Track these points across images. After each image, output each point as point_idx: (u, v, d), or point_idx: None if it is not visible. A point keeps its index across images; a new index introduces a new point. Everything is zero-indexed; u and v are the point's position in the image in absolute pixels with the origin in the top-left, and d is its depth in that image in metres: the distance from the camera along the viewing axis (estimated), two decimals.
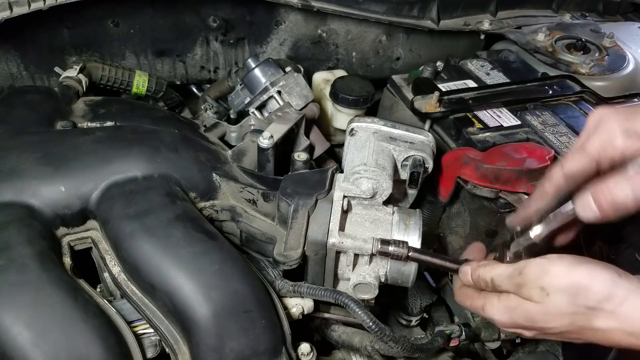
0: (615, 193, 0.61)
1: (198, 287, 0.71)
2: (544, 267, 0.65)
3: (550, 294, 0.64)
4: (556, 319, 0.65)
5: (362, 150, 0.89)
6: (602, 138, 0.65)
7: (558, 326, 0.65)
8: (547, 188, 0.70)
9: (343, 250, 0.81)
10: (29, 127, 0.91)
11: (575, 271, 0.63)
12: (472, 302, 0.75)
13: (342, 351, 0.93)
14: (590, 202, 0.64)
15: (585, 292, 0.62)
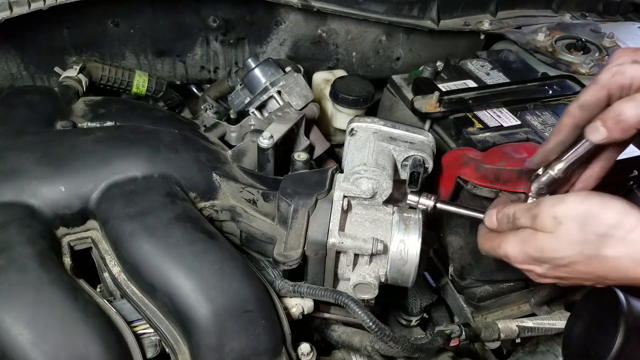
0: (620, 111, 0.65)
1: (198, 287, 0.72)
2: (560, 198, 0.68)
3: (562, 223, 0.66)
4: (566, 248, 0.66)
5: (362, 150, 0.89)
6: (613, 68, 0.69)
7: (567, 255, 0.66)
8: (565, 121, 0.74)
9: (343, 250, 0.81)
10: (29, 127, 0.91)
11: (588, 201, 0.65)
12: (491, 242, 0.77)
13: (342, 351, 0.93)
14: (598, 124, 0.68)
15: (596, 219, 0.64)
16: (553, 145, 0.76)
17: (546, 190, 0.79)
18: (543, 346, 1.13)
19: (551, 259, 0.68)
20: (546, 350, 1.12)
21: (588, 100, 0.70)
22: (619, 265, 0.63)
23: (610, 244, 0.63)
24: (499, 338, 0.99)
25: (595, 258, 0.64)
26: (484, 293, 1.06)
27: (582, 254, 0.65)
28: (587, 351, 0.82)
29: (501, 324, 1.00)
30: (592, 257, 0.65)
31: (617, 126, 0.66)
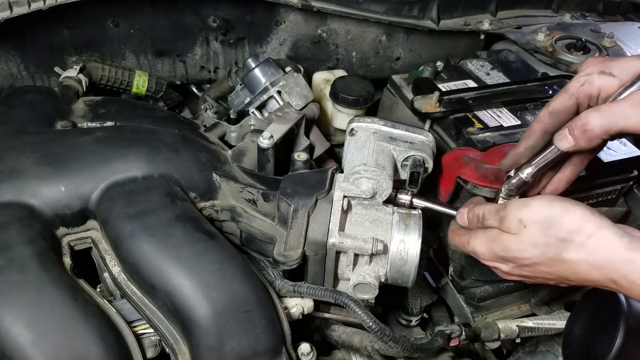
0: (586, 121, 0.68)
1: (198, 287, 0.72)
2: (525, 202, 0.71)
3: (527, 226, 0.69)
4: (529, 249, 0.69)
5: (362, 150, 0.89)
6: (582, 78, 0.72)
7: (530, 256, 0.69)
8: (535, 126, 0.78)
9: (343, 250, 0.81)
10: (29, 127, 0.91)
11: (551, 206, 0.69)
12: (460, 238, 0.80)
13: (342, 351, 0.93)
14: (565, 133, 0.71)
15: (558, 224, 0.67)
16: (523, 150, 0.80)
17: (516, 192, 0.81)
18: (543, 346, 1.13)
19: (515, 259, 0.71)
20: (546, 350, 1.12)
21: (557, 107, 0.74)
22: (578, 268, 0.66)
23: (570, 248, 0.66)
24: (499, 338, 0.99)
25: (557, 260, 0.68)
26: (484, 293, 1.06)
27: (544, 255, 0.68)
28: (587, 351, 0.82)
29: (501, 324, 1.00)
30: (554, 260, 0.68)
31: (584, 135, 0.69)
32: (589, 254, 0.65)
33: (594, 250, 0.65)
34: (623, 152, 1.03)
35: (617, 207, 1.13)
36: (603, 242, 0.64)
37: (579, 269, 0.66)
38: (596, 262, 0.64)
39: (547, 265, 0.69)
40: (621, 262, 0.63)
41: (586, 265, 0.65)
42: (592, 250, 0.65)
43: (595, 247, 0.65)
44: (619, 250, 0.63)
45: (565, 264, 0.67)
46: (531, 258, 0.69)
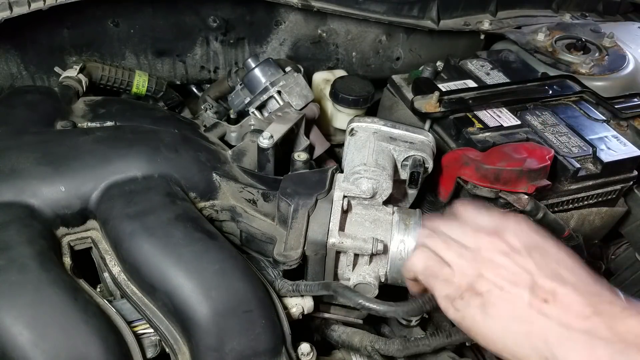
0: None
1: (198, 287, 0.71)
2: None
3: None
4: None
5: (362, 150, 0.89)
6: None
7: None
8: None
9: (343, 250, 0.81)
10: (29, 127, 0.91)
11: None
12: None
13: (342, 351, 0.93)
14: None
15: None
16: None
17: None
18: None
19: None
20: None
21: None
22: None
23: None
24: None
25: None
26: None
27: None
28: None
29: None
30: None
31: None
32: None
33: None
34: (623, 152, 1.04)
35: (617, 207, 1.13)
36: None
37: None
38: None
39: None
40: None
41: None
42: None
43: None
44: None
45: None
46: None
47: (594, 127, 1.09)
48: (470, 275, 0.60)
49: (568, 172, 0.99)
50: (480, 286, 0.59)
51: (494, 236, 0.62)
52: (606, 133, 1.08)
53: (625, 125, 1.13)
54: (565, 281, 0.56)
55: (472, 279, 0.60)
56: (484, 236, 0.62)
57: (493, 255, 0.60)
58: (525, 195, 0.93)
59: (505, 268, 0.59)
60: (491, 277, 0.59)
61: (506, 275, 0.58)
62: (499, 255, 0.60)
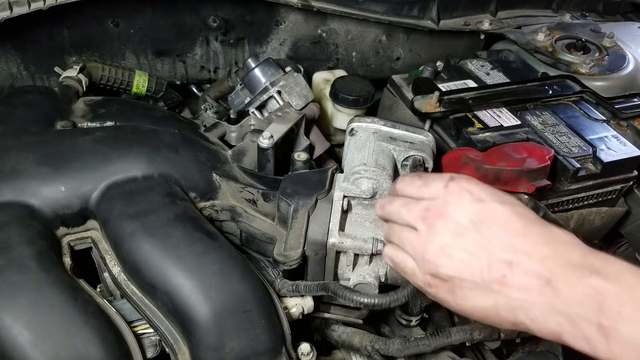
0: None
1: (198, 287, 0.71)
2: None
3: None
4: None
5: (362, 150, 0.89)
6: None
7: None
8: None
9: (343, 250, 0.81)
10: (29, 127, 0.91)
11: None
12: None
13: (342, 351, 0.93)
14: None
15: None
16: None
17: None
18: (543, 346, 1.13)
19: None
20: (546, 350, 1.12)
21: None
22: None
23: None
24: (499, 338, 0.99)
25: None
26: None
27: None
28: None
29: None
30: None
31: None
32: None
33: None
34: (623, 152, 1.04)
35: (617, 207, 1.14)
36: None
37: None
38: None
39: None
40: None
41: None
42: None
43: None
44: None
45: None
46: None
47: (594, 127, 1.09)
48: (431, 267, 0.63)
49: (568, 172, 0.99)
50: (442, 275, 0.62)
51: (442, 219, 0.63)
52: (606, 133, 1.08)
53: (625, 125, 1.13)
54: (519, 250, 0.58)
55: (434, 269, 0.62)
56: (433, 220, 0.63)
57: (444, 240, 0.61)
58: (526, 195, 0.93)
59: (459, 252, 0.61)
60: (448, 265, 0.61)
61: (461, 260, 0.60)
62: (450, 239, 0.61)
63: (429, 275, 0.63)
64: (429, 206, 0.65)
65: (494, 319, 0.60)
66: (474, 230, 0.60)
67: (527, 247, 0.58)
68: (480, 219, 0.61)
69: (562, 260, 0.56)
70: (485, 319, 0.61)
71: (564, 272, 0.54)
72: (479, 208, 0.62)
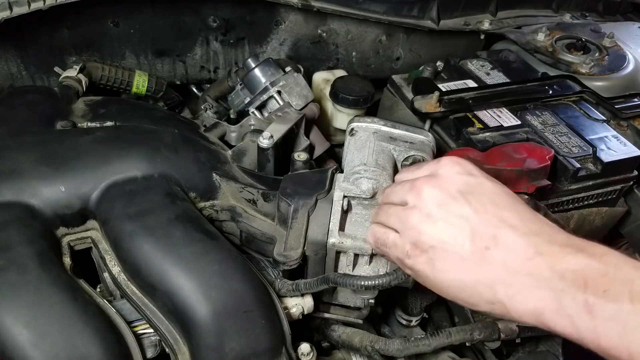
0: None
1: (198, 287, 0.71)
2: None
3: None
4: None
5: (362, 150, 0.89)
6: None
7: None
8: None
9: (343, 250, 0.80)
10: (29, 127, 0.91)
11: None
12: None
13: (342, 351, 0.93)
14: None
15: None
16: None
17: None
18: (543, 346, 1.13)
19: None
20: (546, 350, 1.12)
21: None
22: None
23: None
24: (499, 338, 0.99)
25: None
26: None
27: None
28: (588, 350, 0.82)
29: (501, 324, 1.00)
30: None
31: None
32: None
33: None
34: (623, 152, 1.04)
35: (617, 207, 1.14)
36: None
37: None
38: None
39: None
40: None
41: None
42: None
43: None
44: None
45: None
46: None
47: (594, 127, 1.09)
48: (413, 235, 0.61)
49: (568, 172, 0.99)
50: (423, 244, 0.60)
51: (429, 185, 0.62)
52: (606, 133, 1.08)
53: (625, 125, 1.13)
54: (505, 223, 0.57)
55: (415, 237, 0.61)
56: (421, 187, 0.63)
57: (430, 209, 0.61)
58: (526, 195, 0.93)
59: (444, 220, 0.59)
60: (431, 233, 0.60)
61: (445, 229, 0.59)
62: (436, 208, 0.60)
63: (410, 244, 0.62)
64: (419, 179, 0.64)
65: (470, 296, 0.58)
66: (462, 200, 0.59)
67: (514, 221, 0.57)
68: (469, 190, 0.61)
69: (547, 237, 0.55)
70: (460, 296, 0.59)
71: (550, 248, 0.54)
72: (468, 180, 0.62)
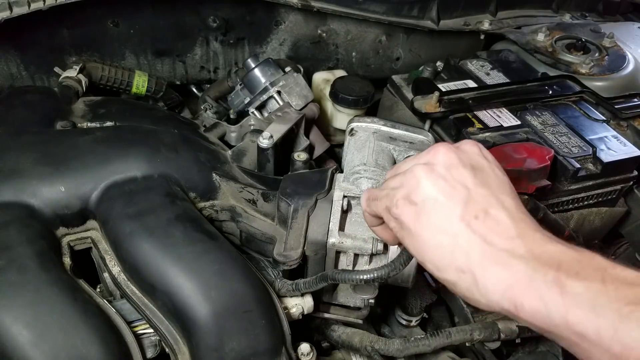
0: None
1: (198, 287, 0.71)
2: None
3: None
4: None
5: (361, 150, 0.89)
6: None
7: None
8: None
9: (343, 250, 0.80)
10: (29, 127, 0.91)
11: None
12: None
13: (342, 351, 0.93)
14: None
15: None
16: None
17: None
18: (543, 346, 1.13)
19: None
20: (546, 350, 1.12)
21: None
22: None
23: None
24: (499, 338, 0.99)
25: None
26: None
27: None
28: None
29: (501, 324, 1.00)
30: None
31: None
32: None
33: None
34: (623, 152, 1.04)
35: (617, 207, 1.14)
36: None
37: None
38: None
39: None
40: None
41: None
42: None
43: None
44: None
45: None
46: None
47: (594, 127, 1.09)
48: (409, 186, 0.61)
49: (568, 172, 0.99)
50: (415, 196, 0.60)
51: (447, 149, 0.62)
52: (606, 133, 1.08)
53: (625, 125, 1.13)
54: (501, 204, 0.58)
55: (411, 189, 0.61)
56: (439, 149, 0.62)
57: (439, 167, 0.60)
58: (526, 195, 0.93)
59: (445, 179, 0.59)
60: (428, 187, 0.59)
61: (443, 187, 0.59)
62: (441, 167, 0.60)
63: (403, 194, 0.61)
64: (439, 144, 0.64)
65: (442, 258, 0.58)
66: (470, 171, 0.60)
67: (509, 206, 0.58)
68: (480, 167, 0.61)
69: (534, 226, 0.56)
70: (433, 257, 0.59)
71: (533, 233, 0.55)
72: (483, 161, 0.63)
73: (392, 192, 0.63)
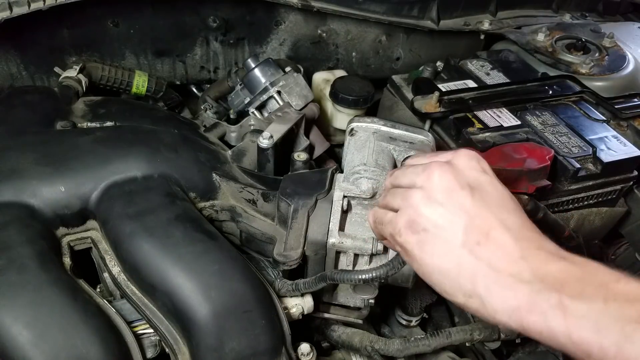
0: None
1: (198, 287, 0.71)
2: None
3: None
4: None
5: (362, 150, 0.89)
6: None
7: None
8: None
9: (343, 250, 0.80)
10: (29, 127, 0.91)
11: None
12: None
13: (342, 351, 0.93)
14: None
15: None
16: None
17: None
18: (543, 346, 1.13)
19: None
20: (546, 350, 1.12)
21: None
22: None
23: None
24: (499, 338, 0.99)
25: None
26: None
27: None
28: None
29: None
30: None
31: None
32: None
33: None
34: (623, 152, 1.04)
35: (617, 207, 1.14)
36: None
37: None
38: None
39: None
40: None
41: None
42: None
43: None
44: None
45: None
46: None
47: (594, 127, 1.09)
48: (410, 214, 0.62)
49: (568, 172, 0.99)
50: (417, 225, 0.61)
51: (442, 171, 0.62)
52: (606, 133, 1.08)
53: (625, 125, 1.13)
54: (502, 224, 0.58)
55: (412, 217, 0.62)
56: (433, 171, 0.62)
57: (435, 193, 0.61)
58: (526, 196, 0.93)
59: (443, 206, 0.60)
60: (429, 216, 0.60)
61: (443, 213, 0.60)
62: (441, 193, 0.61)
63: (405, 222, 0.62)
64: (433, 163, 0.64)
65: (450, 285, 0.59)
66: (468, 193, 0.60)
67: (510, 225, 0.58)
68: (478, 186, 0.61)
69: (536, 244, 0.57)
70: (440, 283, 0.60)
71: (536, 253, 0.55)
72: (480, 177, 0.62)
73: (395, 220, 0.64)
